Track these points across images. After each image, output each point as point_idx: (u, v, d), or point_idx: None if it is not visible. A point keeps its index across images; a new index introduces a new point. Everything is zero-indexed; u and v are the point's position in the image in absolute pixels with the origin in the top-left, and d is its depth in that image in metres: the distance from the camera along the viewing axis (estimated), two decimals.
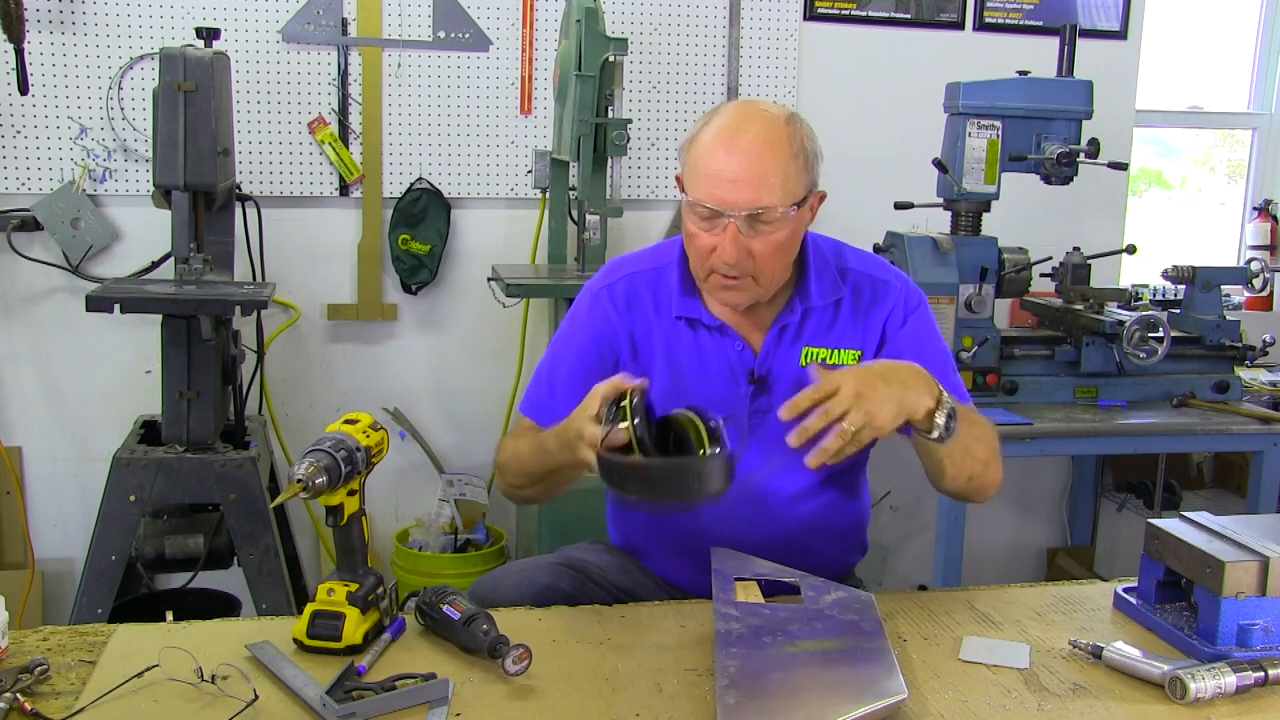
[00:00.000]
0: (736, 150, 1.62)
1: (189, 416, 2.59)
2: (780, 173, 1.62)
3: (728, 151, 1.62)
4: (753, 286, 1.68)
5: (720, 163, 1.62)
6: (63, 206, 3.09)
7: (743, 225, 1.62)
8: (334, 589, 1.44)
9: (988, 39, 3.60)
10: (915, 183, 3.11)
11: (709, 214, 1.63)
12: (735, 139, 1.62)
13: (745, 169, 1.61)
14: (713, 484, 1.40)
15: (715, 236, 1.64)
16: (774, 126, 1.64)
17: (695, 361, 1.76)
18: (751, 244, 1.63)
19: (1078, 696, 1.37)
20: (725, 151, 1.62)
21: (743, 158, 1.61)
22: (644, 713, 1.29)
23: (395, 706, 1.27)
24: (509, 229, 3.41)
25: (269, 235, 3.05)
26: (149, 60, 3.07)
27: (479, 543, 3.27)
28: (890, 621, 1.54)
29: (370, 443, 1.47)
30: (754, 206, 1.61)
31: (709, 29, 3.44)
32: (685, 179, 1.69)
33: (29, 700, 1.26)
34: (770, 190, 1.61)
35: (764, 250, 1.64)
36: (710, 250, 1.65)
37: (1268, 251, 3.98)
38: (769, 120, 1.64)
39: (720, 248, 1.63)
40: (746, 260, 1.64)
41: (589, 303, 1.82)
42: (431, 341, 3.43)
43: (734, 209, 1.61)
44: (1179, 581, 1.57)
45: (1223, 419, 2.93)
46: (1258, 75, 4.08)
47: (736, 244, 1.62)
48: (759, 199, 1.61)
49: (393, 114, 3.28)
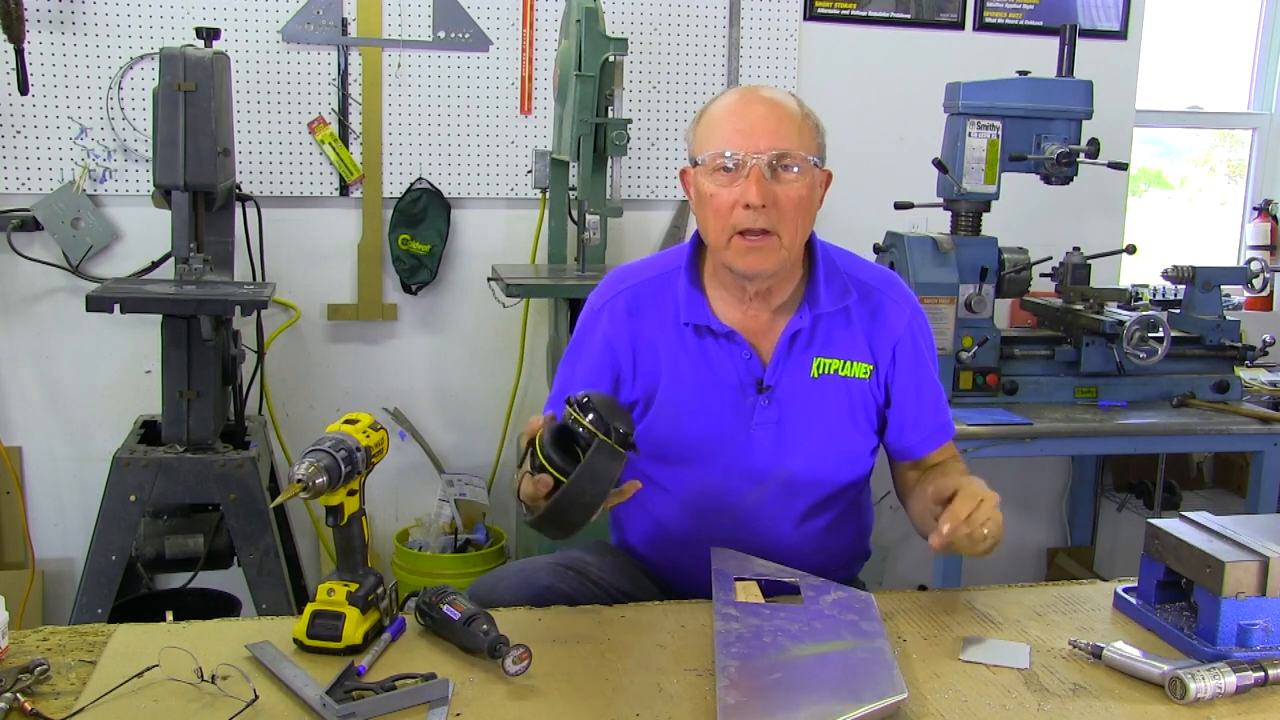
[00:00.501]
0: (753, 103, 1.67)
1: (189, 416, 2.59)
2: (795, 124, 1.66)
3: (744, 105, 1.67)
4: (777, 247, 1.66)
5: (739, 115, 1.66)
6: (63, 206, 3.09)
7: (765, 170, 1.63)
8: (334, 589, 1.44)
9: (988, 39, 3.60)
10: (915, 183, 3.11)
11: (731, 164, 1.64)
12: (753, 96, 1.68)
13: (763, 116, 1.65)
14: (612, 470, 1.43)
15: (736, 189, 1.63)
16: (782, 93, 1.71)
17: (702, 369, 1.75)
18: (775, 191, 1.63)
19: (1078, 696, 1.37)
20: (742, 105, 1.67)
21: (760, 107, 1.66)
22: (644, 713, 1.29)
23: (395, 706, 1.27)
24: (509, 229, 3.41)
25: (269, 235, 3.05)
26: (149, 60, 3.07)
27: (479, 543, 3.28)
28: (890, 621, 1.55)
29: (370, 443, 1.47)
30: (775, 149, 1.63)
31: (709, 29, 3.44)
32: (698, 147, 1.70)
33: (29, 700, 1.26)
34: (790, 136, 1.64)
35: (788, 199, 1.64)
36: (731, 206, 1.64)
37: (1268, 251, 3.98)
38: (775, 90, 1.72)
39: (745, 192, 1.62)
40: (772, 209, 1.63)
41: (592, 318, 1.81)
42: (431, 341, 3.43)
43: (756, 152, 1.63)
44: (1179, 581, 1.57)
45: (1223, 419, 2.93)
46: (1258, 75, 4.08)
47: (761, 184, 1.62)
48: (780, 142, 1.63)
49: (393, 114, 3.28)
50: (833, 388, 1.76)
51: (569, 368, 1.84)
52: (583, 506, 1.44)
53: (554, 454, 1.45)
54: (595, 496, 1.43)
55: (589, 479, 1.42)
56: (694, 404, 1.74)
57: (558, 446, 1.46)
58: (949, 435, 1.86)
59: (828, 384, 1.75)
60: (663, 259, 1.84)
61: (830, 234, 1.85)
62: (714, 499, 1.76)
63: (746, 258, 1.67)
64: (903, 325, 1.79)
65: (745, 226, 1.64)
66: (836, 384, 1.76)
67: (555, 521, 1.45)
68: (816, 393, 1.75)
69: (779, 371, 1.74)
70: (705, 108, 1.73)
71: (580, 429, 1.44)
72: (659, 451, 1.76)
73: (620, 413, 1.47)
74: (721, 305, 1.76)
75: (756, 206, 1.62)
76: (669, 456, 1.76)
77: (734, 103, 1.68)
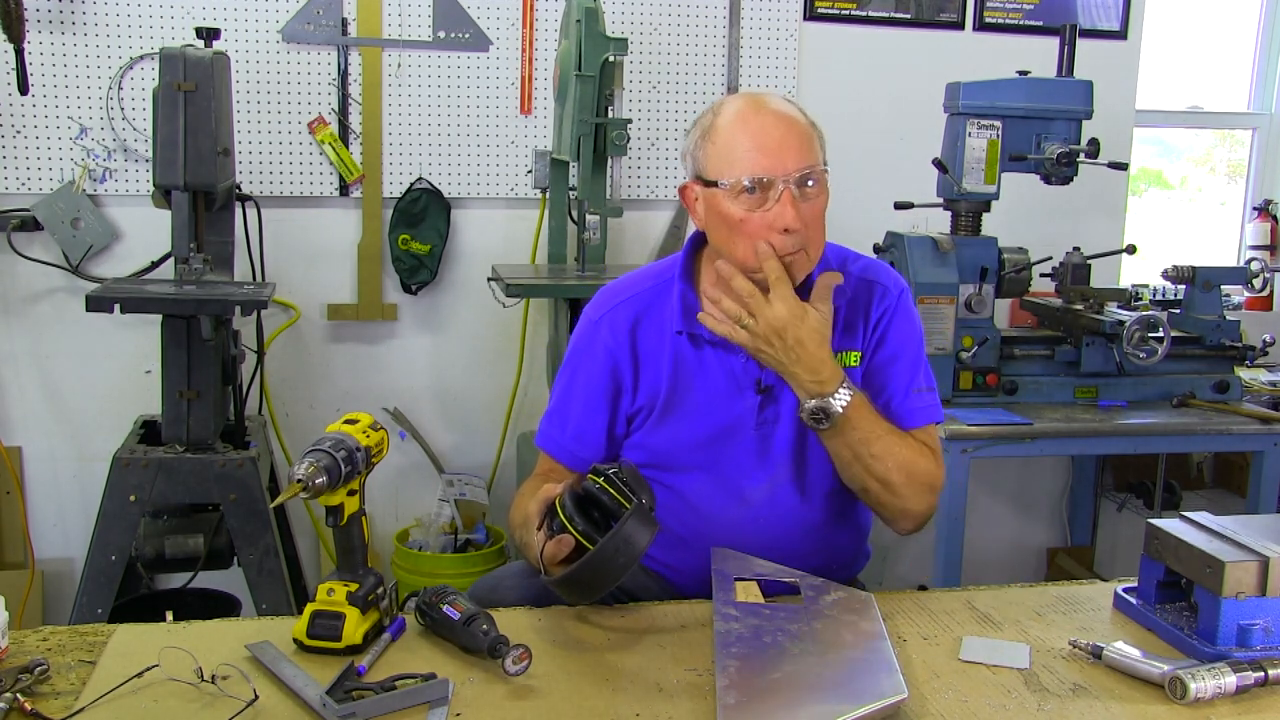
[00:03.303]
0: (771, 117, 1.62)
1: (189, 416, 2.58)
2: (810, 135, 1.64)
3: (762, 121, 1.62)
4: (805, 261, 1.66)
5: (763, 134, 1.61)
6: (63, 206, 3.09)
7: (795, 190, 1.60)
8: (334, 589, 1.44)
9: (988, 39, 3.60)
10: (915, 183, 3.11)
11: (761, 187, 1.60)
12: (763, 110, 1.63)
13: (786, 133, 1.61)
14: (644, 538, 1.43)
15: (770, 213, 1.61)
16: (785, 101, 1.66)
17: (699, 377, 1.75)
18: (804, 210, 1.61)
19: (1078, 696, 1.37)
20: (758, 120, 1.62)
21: (780, 123, 1.62)
22: (644, 713, 1.29)
23: (395, 706, 1.27)
24: (509, 229, 3.41)
25: (269, 235, 3.05)
26: (149, 60, 3.07)
27: (479, 543, 3.28)
28: (890, 621, 1.54)
29: (370, 443, 1.47)
30: (804, 166, 1.61)
31: (709, 29, 3.44)
32: (716, 168, 1.64)
33: (29, 700, 1.26)
34: (812, 150, 1.63)
35: (813, 216, 1.63)
36: (765, 229, 1.61)
37: (1268, 251, 3.98)
38: (777, 98, 1.67)
39: (780, 214, 1.60)
40: (804, 229, 1.62)
41: (591, 331, 1.80)
42: (431, 341, 3.43)
43: (786, 174, 1.60)
44: (1179, 581, 1.57)
45: (1223, 419, 2.93)
46: (1258, 75, 4.08)
47: (796, 207, 1.60)
48: (806, 159, 1.61)
49: (393, 114, 3.28)
50: None
51: (568, 380, 1.82)
52: (611, 572, 1.44)
53: (578, 519, 1.46)
54: (626, 561, 1.43)
55: (622, 544, 1.42)
56: (695, 410, 1.74)
57: (580, 513, 1.48)
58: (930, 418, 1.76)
59: None
60: (656, 270, 1.83)
61: (830, 234, 1.84)
62: (716, 501, 1.76)
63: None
64: (885, 303, 1.77)
65: (785, 251, 1.62)
66: None
67: (583, 583, 1.46)
68: None
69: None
70: (711, 124, 1.67)
71: (607, 496, 1.46)
72: (661, 459, 1.76)
73: (645, 485, 1.49)
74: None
75: (796, 229, 1.60)
76: (671, 463, 1.76)
77: (747, 119, 1.63)
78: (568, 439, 1.80)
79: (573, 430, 1.80)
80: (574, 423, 1.80)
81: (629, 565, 1.44)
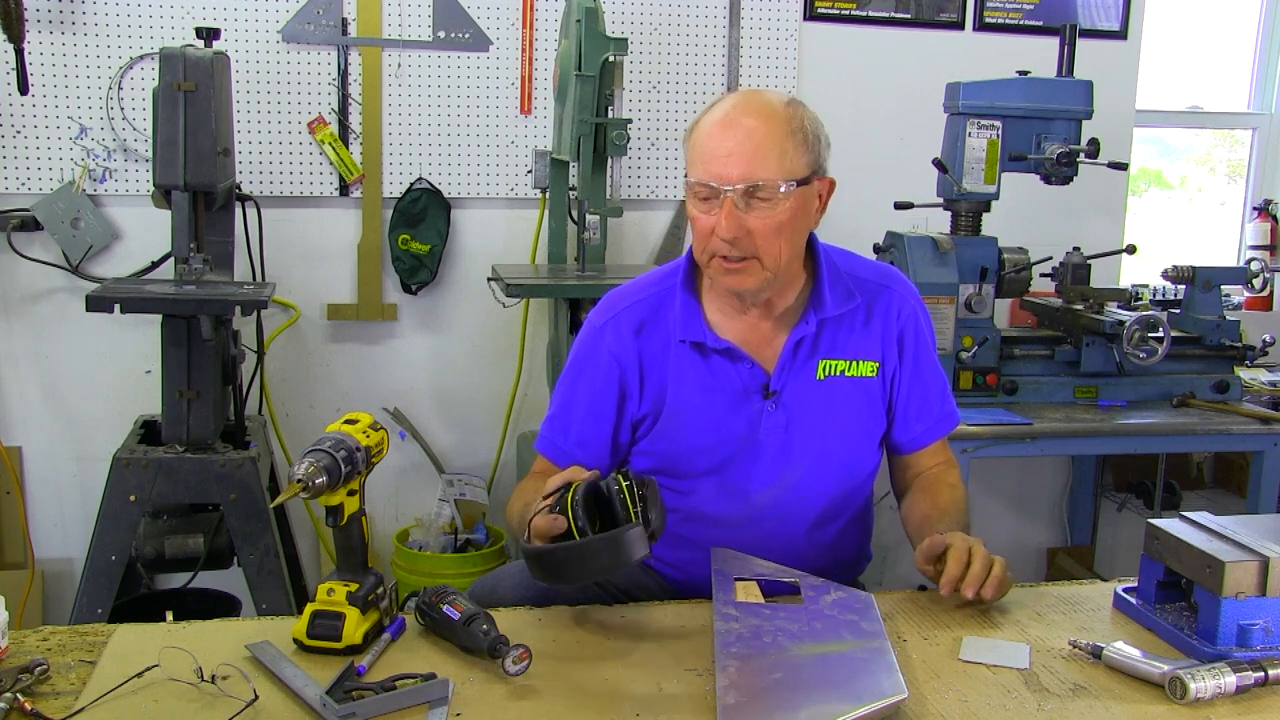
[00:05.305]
0: (732, 127, 1.63)
1: (189, 416, 2.58)
2: (776, 148, 1.62)
3: (724, 129, 1.64)
4: (758, 270, 1.66)
5: (716, 140, 1.63)
6: (63, 206, 3.09)
7: (739, 201, 1.62)
8: (334, 589, 1.44)
9: (988, 39, 3.60)
10: (915, 183, 3.11)
11: (706, 192, 1.64)
12: (731, 117, 1.64)
13: (740, 143, 1.62)
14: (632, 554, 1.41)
15: (714, 217, 1.64)
16: (771, 107, 1.66)
17: (705, 385, 1.75)
18: (748, 221, 1.62)
19: (1078, 696, 1.37)
20: (721, 129, 1.64)
21: (737, 133, 1.63)
22: (644, 713, 1.29)
23: (395, 706, 1.27)
24: (509, 229, 3.41)
25: (269, 235, 3.05)
26: (149, 60, 3.07)
27: (479, 543, 3.27)
28: (890, 621, 1.54)
29: (370, 443, 1.47)
30: (748, 181, 1.61)
31: (709, 29, 3.44)
32: (688, 164, 1.69)
33: (29, 700, 1.26)
34: (765, 165, 1.62)
35: (763, 228, 1.63)
36: (710, 231, 1.65)
37: (1268, 251, 3.98)
38: (767, 102, 1.66)
39: (717, 223, 1.63)
40: (746, 239, 1.63)
41: (595, 337, 1.80)
42: (431, 341, 3.43)
43: (728, 183, 1.61)
44: (1179, 581, 1.57)
45: (1223, 419, 2.93)
46: (1258, 75, 4.08)
47: (731, 219, 1.61)
48: (753, 173, 1.61)
49: (393, 114, 3.28)
50: (839, 389, 1.76)
51: (572, 385, 1.82)
52: (583, 570, 1.43)
53: (581, 510, 1.45)
54: (600, 568, 1.42)
55: (608, 549, 1.41)
56: (701, 416, 1.74)
57: (587, 505, 1.46)
58: (954, 423, 1.88)
59: (834, 386, 1.75)
60: (659, 277, 1.83)
61: (830, 234, 1.85)
62: (722, 505, 1.76)
63: (725, 279, 1.69)
64: (907, 315, 1.80)
65: (723, 254, 1.65)
66: (843, 385, 1.76)
67: (553, 565, 1.45)
68: (824, 396, 1.75)
69: (784, 376, 1.74)
70: (699, 117, 1.70)
71: (621, 500, 1.45)
72: (667, 466, 1.76)
73: (661, 508, 1.48)
74: (720, 317, 1.76)
75: (727, 240, 1.63)
76: (678, 470, 1.76)
77: (716, 123, 1.65)
78: (570, 444, 1.79)
79: (576, 436, 1.79)
80: (577, 428, 1.79)
81: (603, 572, 1.44)
